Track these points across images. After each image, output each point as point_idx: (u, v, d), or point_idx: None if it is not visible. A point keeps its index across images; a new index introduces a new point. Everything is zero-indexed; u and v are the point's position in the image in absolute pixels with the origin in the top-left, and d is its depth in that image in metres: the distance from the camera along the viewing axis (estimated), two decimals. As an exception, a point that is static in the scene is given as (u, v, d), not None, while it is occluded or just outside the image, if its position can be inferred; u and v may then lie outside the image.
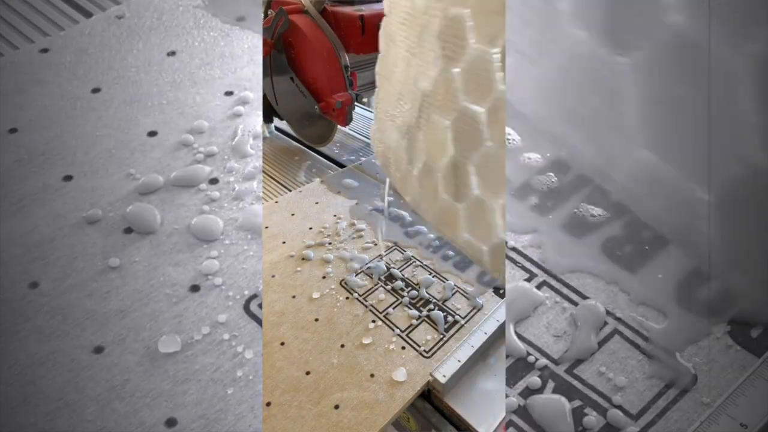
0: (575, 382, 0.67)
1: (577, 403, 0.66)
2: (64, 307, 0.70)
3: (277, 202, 1.02)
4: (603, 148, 0.80)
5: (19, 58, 0.90)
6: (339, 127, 1.19)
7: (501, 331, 0.75)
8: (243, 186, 0.80)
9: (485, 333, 0.75)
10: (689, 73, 0.75)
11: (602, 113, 0.81)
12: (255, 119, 0.86)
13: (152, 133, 0.84)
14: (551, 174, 0.82)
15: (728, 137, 0.74)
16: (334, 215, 0.99)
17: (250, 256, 0.75)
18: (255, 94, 0.89)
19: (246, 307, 0.71)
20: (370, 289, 0.82)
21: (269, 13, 1.13)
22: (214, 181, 0.80)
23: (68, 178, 0.80)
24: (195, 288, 0.72)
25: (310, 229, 0.95)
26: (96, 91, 0.88)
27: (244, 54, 0.93)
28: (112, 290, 0.72)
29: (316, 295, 0.81)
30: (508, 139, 0.83)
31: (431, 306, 0.79)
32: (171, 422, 0.64)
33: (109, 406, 0.64)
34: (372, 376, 0.69)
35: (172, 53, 0.92)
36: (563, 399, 0.66)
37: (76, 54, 0.91)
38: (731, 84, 0.73)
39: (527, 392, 0.67)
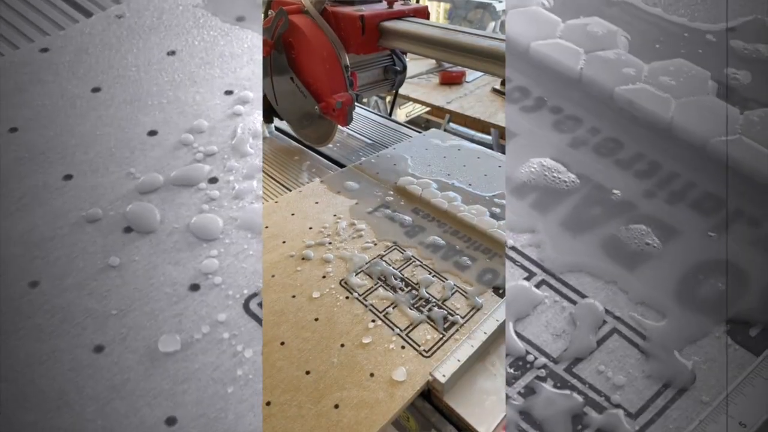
0: (574, 381, 0.67)
1: (576, 401, 0.66)
2: (64, 306, 0.70)
3: (277, 201, 1.02)
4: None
5: (19, 57, 0.90)
6: (339, 127, 1.19)
7: (501, 330, 0.75)
8: (243, 185, 0.80)
9: (485, 333, 0.75)
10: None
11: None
12: (255, 118, 0.86)
13: (152, 133, 0.84)
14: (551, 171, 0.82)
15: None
16: (334, 215, 0.98)
17: (249, 255, 0.75)
18: (255, 93, 0.89)
19: (246, 306, 0.71)
20: (369, 289, 0.82)
21: (269, 13, 1.13)
22: (213, 180, 0.80)
23: (68, 177, 0.80)
24: (195, 287, 0.72)
25: (310, 228, 0.95)
26: (96, 90, 0.88)
27: (244, 53, 0.93)
28: (112, 289, 0.72)
29: (316, 294, 0.80)
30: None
31: (431, 306, 0.79)
32: (171, 421, 0.64)
33: (110, 405, 0.64)
34: (372, 375, 0.69)
35: (172, 52, 0.92)
36: (562, 398, 0.66)
37: (76, 53, 0.91)
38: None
39: (527, 391, 0.67)
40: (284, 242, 0.91)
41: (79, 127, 0.84)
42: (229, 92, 0.89)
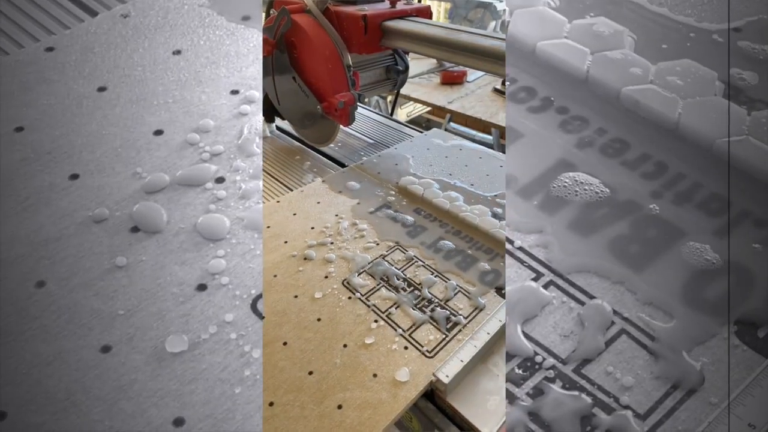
0: (583, 382, 0.67)
1: (584, 402, 0.66)
2: (71, 307, 0.70)
3: (278, 201, 1.02)
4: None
5: (25, 56, 0.90)
6: (341, 126, 1.19)
7: (504, 331, 0.75)
8: (249, 185, 0.80)
9: (488, 333, 0.75)
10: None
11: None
12: (260, 118, 0.86)
13: (158, 132, 0.84)
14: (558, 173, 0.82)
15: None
16: (336, 215, 0.98)
17: (256, 255, 0.75)
18: (260, 93, 0.89)
19: (253, 306, 0.71)
20: (372, 289, 0.82)
21: (271, 12, 1.12)
22: (220, 180, 0.80)
23: (74, 176, 0.80)
24: (202, 287, 0.72)
25: (312, 228, 0.95)
26: (102, 89, 0.87)
27: (250, 53, 0.93)
28: (119, 289, 0.72)
29: (318, 294, 0.80)
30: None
31: (434, 306, 0.79)
32: (179, 422, 0.64)
33: (117, 406, 0.64)
34: (375, 376, 0.69)
35: (178, 52, 0.92)
36: (571, 399, 0.66)
37: (82, 53, 0.91)
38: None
39: (535, 392, 0.67)
40: (286, 242, 0.91)
41: (84, 126, 0.84)
42: (235, 92, 0.88)
